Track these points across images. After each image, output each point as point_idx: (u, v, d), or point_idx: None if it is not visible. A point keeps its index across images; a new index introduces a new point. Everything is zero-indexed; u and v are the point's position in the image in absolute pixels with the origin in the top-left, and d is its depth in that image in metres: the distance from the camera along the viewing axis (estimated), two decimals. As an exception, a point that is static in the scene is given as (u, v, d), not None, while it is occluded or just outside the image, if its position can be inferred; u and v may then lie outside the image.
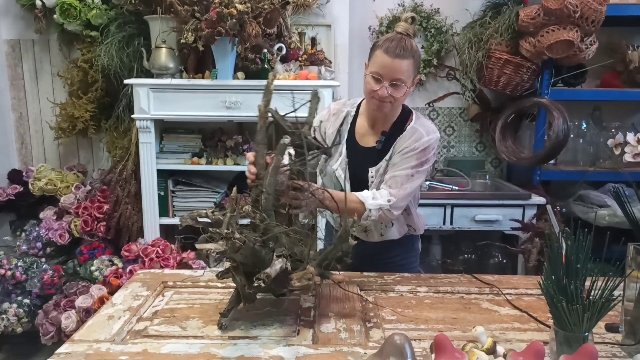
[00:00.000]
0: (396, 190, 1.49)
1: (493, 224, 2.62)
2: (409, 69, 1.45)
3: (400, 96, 1.48)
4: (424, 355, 1.08)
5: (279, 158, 1.25)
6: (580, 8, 2.34)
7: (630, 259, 1.11)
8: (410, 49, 1.45)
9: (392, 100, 1.48)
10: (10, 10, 2.83)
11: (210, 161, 2.59)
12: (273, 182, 1.24)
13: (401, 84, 1.46)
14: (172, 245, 2.44)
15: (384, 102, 1.48)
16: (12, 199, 2.78)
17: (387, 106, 1.50)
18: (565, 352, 0.97)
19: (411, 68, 1.46)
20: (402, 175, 1.50)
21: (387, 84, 1.45)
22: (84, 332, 1.18)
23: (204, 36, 2.25)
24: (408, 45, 1.45)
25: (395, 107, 1.54)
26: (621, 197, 1.20)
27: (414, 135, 1.53)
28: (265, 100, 1.32)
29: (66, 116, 2.70)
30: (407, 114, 1.59)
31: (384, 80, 1.45)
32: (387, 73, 1.44)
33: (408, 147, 1.52)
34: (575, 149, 2.79)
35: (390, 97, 1.46)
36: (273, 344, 1.13)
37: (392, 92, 1.46)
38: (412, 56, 1.45)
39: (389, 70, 1.44)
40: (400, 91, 1.47)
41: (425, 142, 1.52)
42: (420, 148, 1.51)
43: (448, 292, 1.44)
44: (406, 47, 1.44)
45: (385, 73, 1.45)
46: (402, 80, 1.45)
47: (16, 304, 2.48)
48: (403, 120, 1.58)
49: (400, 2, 2.95)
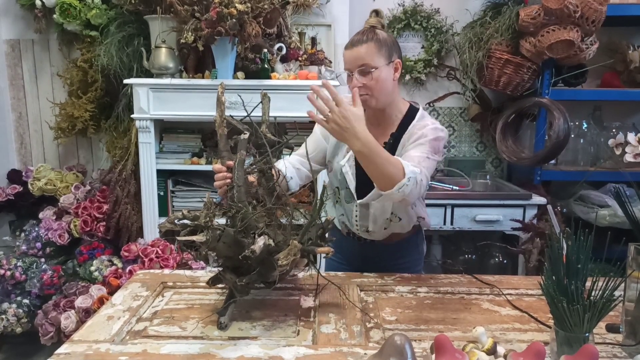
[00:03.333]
0: (417, 165, 1.37)
1: (493, 224, 2.62)
2: (371, 52, 1.42)
3: (372, 82, 1.43)
4: (424, 355, 1.08)
5: (242, 153, 1.29)
6: (580, 8, 2.33)
7: (631, 259, 1.10)
8: (369, 33, 1.44)
9: (368, 90, 1.44)
10: (10, 10, 2.83)
11: (210, 161, 2.58)
12: (241, 175, 1.28)
13: (368, 69, 1.43)
14: (171, 245, 2.44)
15: (363, 95, 1.43)
16: (12, 199, 2.77)
17: (369, 100, 1.45)
18: (566, 352, 0.97)
19: (374, 50, 1.43)
20: (418, 155, 1.41)
21: (356, 74, 1.44)
22: (83, 332, 1.17)
23: (204, 36, 2.24)
24: (366, 32, 1.46)
25: (380, 98, 1.47)
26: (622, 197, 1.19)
27: (419, 124, 1.50)
28: (220, 111, 1.40)
29: (66, 116, 2.70)
30: (413, 112, 1.56)
31: (352, 73, 1.45)
32: (351, 64, 1.45)
33: (416, 134, 1.47)
34: (575, 149, 2.79)
35: (364, 86, 1.43)
36: (273, 344, 1.12)
37: (362, 80, 1.43)
38: (372, 39, 1.43)
39: (351, 61, 1.45)
40: (370, 76, 1.43)
41: (433, 131, 1.46)
42: (430, 136, 1.44)
43: (448, 292, 1.44)
44: (364, 34, 1.45)
45: (350, 65, 1.45)
46: (367, 65, 1.42)
47: (16, 304, 2.48)
48: (409, 119, 1.54)
49: (400, 2, 2.95)
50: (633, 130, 2.69)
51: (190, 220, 1.22)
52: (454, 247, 3.05)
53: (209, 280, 1.26)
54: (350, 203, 1.61)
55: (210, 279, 1.26)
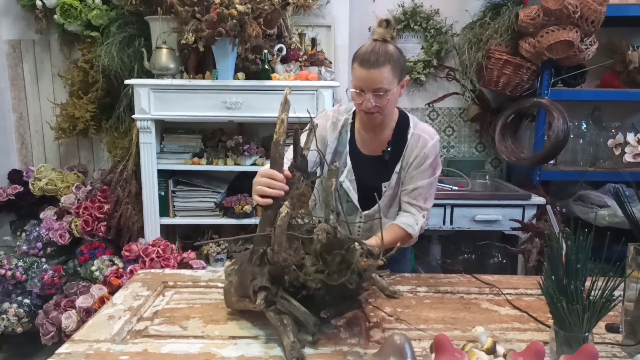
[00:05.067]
0: (424, 203, 1.53)
1: (493, 224, 2.62)
2: (388, 76, 1.41)
3: (385, 104, 1.45)
4: (424, 355, 1.08)
5: (332, 181, 1.26)
6: (580, 8, 2.34)
7: (631, 259, 1.11)
8: (386, 54, 1.41)
9: (379, 110, 1.46)
10: (11, 10, 2.83)
11: (210, 161, 2.59)
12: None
13: (383, 93, 1.43)
14: (172, 245, 2.44)
15: (372, 113, 1.46)
16: (13, 199, 2.78)
17: (377, 117, 1.48)
18: (566, 352, 0.97)
19: (390, 74, 1.41)
20: (424, 186, 1.53)
21: (369, 95, 1.43)
22: (84, 332, 1.18)
23: (205, 37, 2.25)
24: (382, 51, 1.41)
25: (387, 114, 1.51)
26: (621, 197, 1.20)
27: (420, 143, 1.53)
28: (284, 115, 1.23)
29: (67, 116, 2.70)
30: (406, 118, 1.58)
31: (365, 92, 1.43)
32: (366, 85, 1.42)
33: (418, 156, 1.52)
34: (575, 149, 2.80)
35: (376, 107, 1.44)
36: (273, 343, 1.13)
37: (376, 102, 1.43)
38: (389, 61, 1.41)
39: (367, 82, 1.42)
40: (384, 99, 1.44)
41: (433, 149, 1.53)
42: (431, 157, 1.53)
43: (448, 292, 1.44)
44: (380, 54, 1.40)
45: (365, 85, 1.42)
46: (383, 89, 1.42)
47: (16, 304, 2.48)
48: (404, 125, 1.56)
49: (400, 3, 2.96)
50: (632, 131, 2.69)
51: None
52: (453, 247, 3.05)
53: (261, 304, 1.11)
54: (352, 215, 1.61)
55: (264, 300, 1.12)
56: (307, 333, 1.12)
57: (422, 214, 1.54)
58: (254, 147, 2.63)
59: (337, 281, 1.04)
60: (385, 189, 1.56)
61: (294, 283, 1.10)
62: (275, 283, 1.13)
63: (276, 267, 1.10)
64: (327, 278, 1.06)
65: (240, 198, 2.61)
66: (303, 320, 1.09)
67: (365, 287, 1.13)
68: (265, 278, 1.12)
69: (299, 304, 1.11)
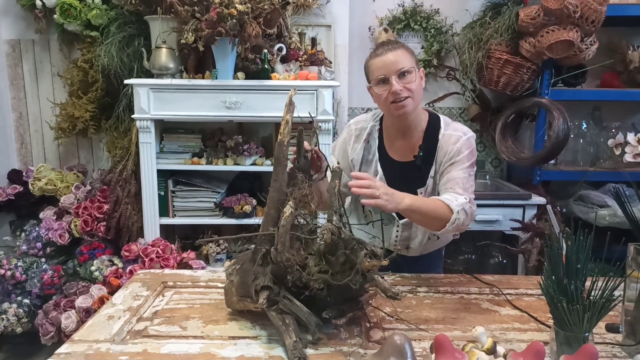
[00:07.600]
0: (462, 190, 1.43)
1: (493, 224, 2.62)
2: (406, 56, 1.44)
3: (413, 83, 1.42)
4: (424, 355, 1.08)
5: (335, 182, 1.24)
6: (580, 8, 2.34)
7: (631, 259, 1.11)
8: (397, 42, 1.48)
9: (409, 92, 1.42)
10: (11, 10, 2.83)
11: (210, 161, 2.59)
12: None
13: (407, 72, 1.42)
14: (172, 245, 2.44)
15: (402, 100, 1.42)
16: (12, 199, 2.77)
17: (408, 104, 1.43)
18: (566, 352, 0.97)
19: (407, 55, 1.44)
20: (461, 176, 1.44)
21: (394, 79, 1.41)
22: (83, 332, 1.18)
23: (204, 36, 2.24)
24: (391, 42, 1.48)
25: (416, 101, 1.46)
26: (621, 197, 1.20)
27: (451, 140, 1.47)
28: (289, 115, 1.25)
29: (66, 116, 2.70)
30: (436, 120, 1.53)
31: (390, 77, 1.41)
32: (388, 69, 1.42)
33: (451, 152, 1.46)
34: (575, 149, 2.79)
35: (405, 89, 1.41)
36: (273, 344, 1.13)
37: (403, 83, 1.41)
38: (402, 46, 1.46)
39: (389, 66, 1.42)
40: (411, 78, 1.42)
41: (466, 142, 1.47)
42: (465, 151, 1.46)
43: (448, 292, 1.44)
44: (392, 42, 1.48)
45: (387, 70, 1.42)
46: (407, 69, 1.41)
47: (16, 304, 2.48)
48: (434, 127, 1.51)
49: (400, 3, 2.96)
50: (633, 131, 2.69)
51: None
52: (453, 246, 3.05)
53: (263, 304, 1.11)
54: (389, 225, 1.57)
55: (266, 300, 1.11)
56: (307, 333, 1.12)
57: (465, 196, 1.42)
58: (253, 146, 2.63)
59: (341, 281, 1.04)
60: (422, 195, 1.51)
61: (297, 283, 1.10)
62: (278, 283, 1.13)
63: (279, 266, 1.10)
64: (331, 278, 1.06)
65: (239, 198, 2.61)
66: (305, 320, 1.10)
67: (367, 288, 1.13)
68: (268, 278, 1.12)
69: (301, 304, 1.11)
